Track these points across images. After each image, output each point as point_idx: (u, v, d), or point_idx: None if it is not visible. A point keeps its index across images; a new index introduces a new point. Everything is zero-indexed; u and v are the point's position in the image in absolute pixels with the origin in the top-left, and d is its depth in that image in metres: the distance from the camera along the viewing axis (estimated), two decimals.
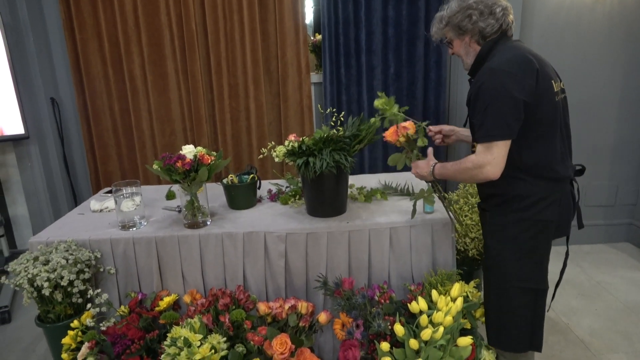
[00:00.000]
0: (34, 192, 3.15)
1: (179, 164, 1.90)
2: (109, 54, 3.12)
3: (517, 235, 1.58)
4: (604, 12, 2.94)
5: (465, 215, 2.03)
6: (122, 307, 1.90)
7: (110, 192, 2.56)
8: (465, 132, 1.93)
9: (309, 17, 3.41)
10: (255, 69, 3.14)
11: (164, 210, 2.27)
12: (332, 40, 3.06)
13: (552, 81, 1.53)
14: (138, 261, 2.01)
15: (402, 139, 1.81)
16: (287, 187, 2.44)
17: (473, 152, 1.66)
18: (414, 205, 1.93)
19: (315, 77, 3.30)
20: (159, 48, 3.11)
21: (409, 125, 1.80)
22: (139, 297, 1.98)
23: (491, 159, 1.46)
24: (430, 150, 1.84)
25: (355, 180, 2.54)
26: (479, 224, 1.99)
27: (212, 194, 2.38)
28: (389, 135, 1.83)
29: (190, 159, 1.94)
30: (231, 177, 2.22)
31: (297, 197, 2.26)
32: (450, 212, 1.90)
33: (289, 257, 1.99)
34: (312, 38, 3.43)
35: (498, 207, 1.62)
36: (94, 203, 2.35)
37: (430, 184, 1.86)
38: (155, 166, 1.95)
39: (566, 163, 1.61)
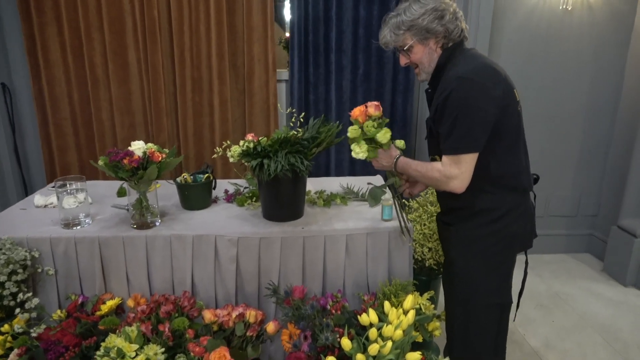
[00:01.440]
0: None
1: (125, 161, 1.80)
2: (68, 39, 2.97)
3: (484, 249, 1.54)
4: (572, 24, 2.94)
5: (424, 225, 1.99)
6: (59, 312, 1.78)
7: (63, 184, 2.43)
8: None
9: (286, 13, 3.32)
10: (220, 63, 3.04)
11: (113, 208, 2.15)
12: (302, 38, 2.98)
13: (515, 90, 1.50)
14: (80, 262, 1.89)
15: (369, 128, 1.66)
16: (245, 187, 2.35)
17: (433, 159, 1.62)
18: (376, 194, 1.86)
19: (285, 74, 3.21)
20: (121, 36, 2.97)
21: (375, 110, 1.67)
22: (80, 300, 1.87)
23: (458, 172, 1.42)
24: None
25: (317, 183, 2.48)
26: (437, 233, 1.94)
27: (166, 192, 2.28)
28: (358, 113, 1.68)
29: (138, 156, 1.83)
30: (185, 175, 2.12)
31: (255, 199, 2.18)
32: (401, 216, 1.85)
33: (241, 262, 1.91)
34: (287, 34, 3.34)
35: (464, 220, 1.57)
36: (38, 198, 2.22)
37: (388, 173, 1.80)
38: (100, 162, 1.84)
39: (529, 173, 1.59)
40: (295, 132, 1.94)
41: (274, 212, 1.97)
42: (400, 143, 1.73)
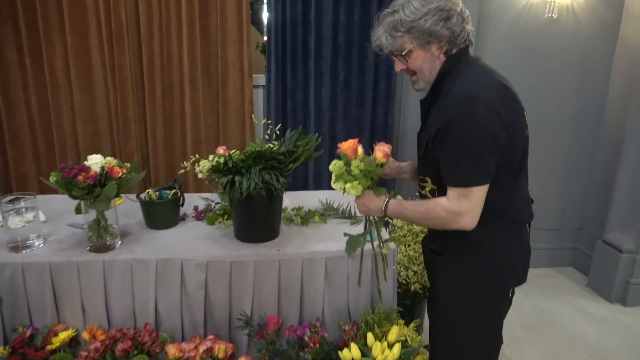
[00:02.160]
0: None
1: (80, 178, 1.61)
2: (26, 40, 2.74)
3: (475, 283, 1.38)
4: (557, 32, 2.87)
5: (409, 246, 1.86)
6: (1, 348, 1.58)
7: (12, 200, 2.21)
8: (409, 168, 1.65)
9: (265, 16, 3.16)
10: (192, 68, 2.86)
11: (69, 227, 1.95)
12: (279, 42, 2.83)
13: (525, 112, 1.34)
14: (28, 290, 1.69)
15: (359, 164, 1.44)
16: (217, 203, 2.18)
17: (422, 186, 1.45)
18: (352, 244, 1.64)
19: (263, 79, 3.05)
20: (84, 37, 2.76)
21: (388, 150, 1.49)
22: (28, 332, 1.67)
23: (470, 207, 1.24)
24: None
25: (294, 198, 2.32)
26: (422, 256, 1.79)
27: (130, 208, 2.09)
28: (347, 148, 1.47)
29: (95, 172, 1.65)
30: (149, 191, 1.94)
31: (226, 217, 2.01)
32: (379, 271, 1.68)
33: (210, 288, 1.74)
34: (265, 39, 3.18)
35: (455, 250, 1.40)
36: None
37: (369, 219, 1.57)
38: (52, 179, 1.64)
39: (530, 204, 1.44)
40: (271, 145, 1.79)
41: (247, 233, 1.81)
42: (382, 190, 1.50)
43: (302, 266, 1.76)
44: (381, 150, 1.48)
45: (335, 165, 1.47)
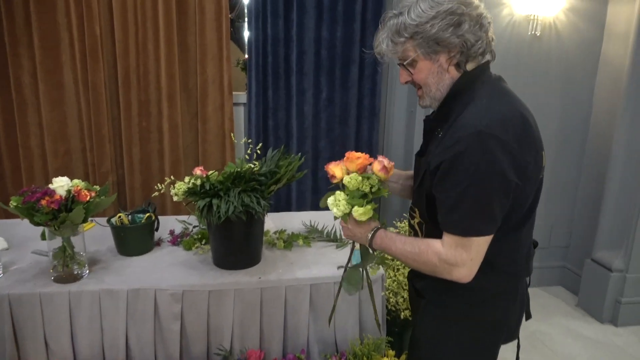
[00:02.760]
0: None
1: (44, 202, 1.49)
2: None
3: (460, 336, 1.21)
4: (541, 50, 2.86)
5: (397, 270, 1.76)
6: None
7: None
8: (396, 179, 1.43)
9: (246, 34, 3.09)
10: (170, 85, 2.76)
11: (33, 255, 1.81)
12: (259, 59, 2.75)
13: (543, 152, 1.15)
14: None
15: (362, 184, 1.20)
16: (195, 226, 2.06)
17: (411, 215, 1.29)
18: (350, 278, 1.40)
19: (244, 97, 2.96)
20: (55, 53, 2.64)
21: (388, 164, 1.24)
22: None
23: (467, 259, 1.06)
24: None
25: (277, 220, 2.21)
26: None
27: (100, 233, 1.95)
28: (362, 164, 1.23)
29: (60, 196, 1.52)
30: (120, 216, 1.81)
31: (204, 241, 1.89)
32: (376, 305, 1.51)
33: (186, 320, 1.61)
34: (246, 56, 3.10)
35: (440, 294, 1.21)
36: None
37: (356, 245, 1.37)
38: (13, 203, 1.51)
39: (530, 258, 1.24)
40: (252, 166, 1.69)
41: (226, 259, 1.70)
42: (375, 215, 1.25)
43: (286, 294, 1.65)
44: (380, 163, 1.22)
45: (353, 179, 1.19)
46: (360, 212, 1.17)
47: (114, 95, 2.77)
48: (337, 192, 1.23)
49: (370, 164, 1.24)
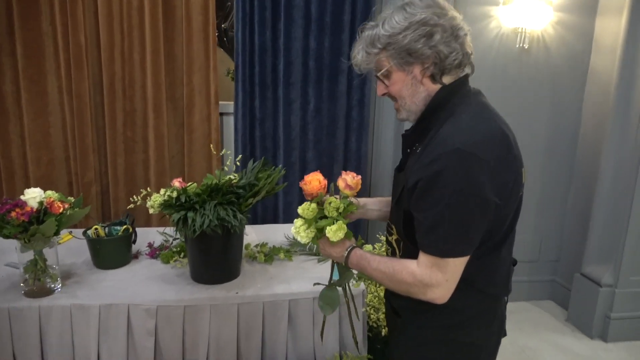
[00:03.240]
0: None
1: (14, 214, 1.44)
2: None
3: (436, 358, 1.18)
4: (529, 63, 2.85)
5: (379, 285, 1.73)
6: None
7: None
8: (375, 206, 1.39)
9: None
10: (156, 94, 2.72)
11: (6, 267, 1.76)
12: (247, 69, 2.73)
13: (523, 170, 1.12)
14: None
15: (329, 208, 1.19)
16: (176, 239, 2.02)
17: (389, 232, 1.24)
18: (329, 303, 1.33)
19: (231, 107, 2.93)
20: (38, 61, 2.61)
21: (352, 181, 1.21)
22: None
23: (442, 280, 1.02)
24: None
25: (260, 232, 2.18)
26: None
27: (77, 246, 1.90)
28: (316, 188, 1.22)
29: (31, 207, 1.48)
30: (96, 228, 1.77)
31: (183, 254, 1.85)
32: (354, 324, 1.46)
33: (160, 337, 1.57)
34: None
35: (417, 316, 1.17)
36: None
37: (334, 263, 1.35)
38: None
39: (509, 277, 1.21)
40: (232, 178, 1.66)
41: (203, 274, 1.66)
42: (348, 234, 1.21)
43: (264, 310, 1.61)
44: (344, 180, 1.20)
45: (307, 209, 1.19)
46: (334, 230, 1.15)
47: (99, 105, 2.73)
48: (295, 220, 1.22)
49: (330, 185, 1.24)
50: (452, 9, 1.08)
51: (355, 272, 1.41)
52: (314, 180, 1.22)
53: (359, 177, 1.23)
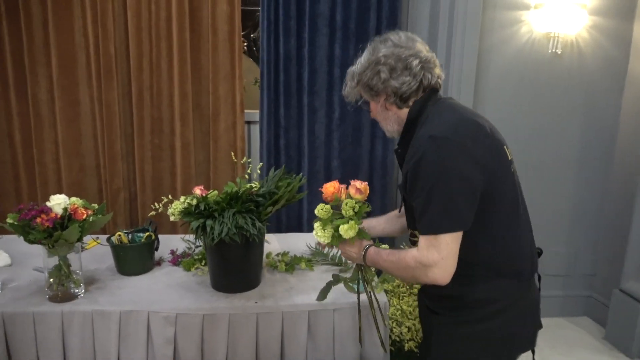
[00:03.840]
0: None
1: (39, 220, 1.47)
2: (11, 73, 2.67)
3: (475, 352, 1.23)
4: (562, 68, 2.75)
5: (402, 298, 1.67)
6: None
7: None
8: (383, 225, 1.57)
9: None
10: (183, 103, 2.76)
11: (34, 271, 1.80)
12: (271, 77, 2.73)
13: (505, 147, 1.23)
14: None
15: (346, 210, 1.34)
16: (198, 246, 2.02)
17: (413, 241, 1.31)
18: (326, 287, 1.57)
19: (257, 115, 2.94)
20: (72, 71, 2.69)
21: (363, 189, 1.37)
22: None
23: (438, 258, 1.11)
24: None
25: (282, 241, 2.16)
26: (417, 309, 1.61)
27: (103, 252, 1.93)
28: (332, 193, 1.38)
29: (56, 214, 1.51)
30: (120, 234, 1.79)
31: (204, 262, 1.84)
32: (376, 312, 1.52)
33: (179, 345, 1.56)
34: None
35: (452, 312, 1.24)
36: None
37: (357, 266, 1.48)
38: (9, 220, 1.51)
39: (533, 254, 1.28)
40: (252, 186, 1.65)
41: (223, 282, 1.65)
42: (365, 235, 1.37)
43: (283, 320, 1.59)
44: (353, 187, 1.35)
45: (322, 209, 1.36)
46: (345, 229, 1.29)
47: (128, 113, 2.79)
48: (315, 222, 1.38)
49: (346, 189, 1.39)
50: (416, 43, 1.23)
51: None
52: (330, 186, 1.38)
53: (366, 183, 1.38)
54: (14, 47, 2.64)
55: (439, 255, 1.10)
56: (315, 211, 1.36)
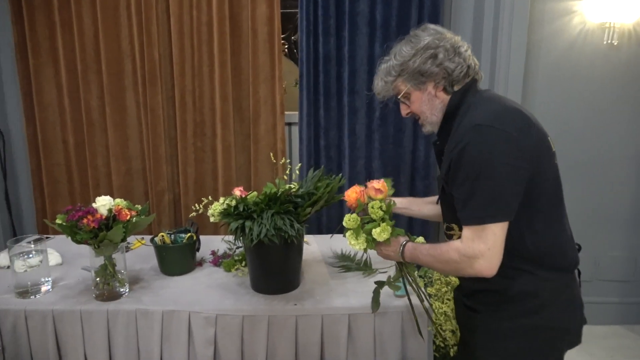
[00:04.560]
0: None
1: (85, 221, 1.52)
2: (65, 81, 2.80)
3: (522, 349, 1.20)
4: (620, 58, 2.58)
5: (446, 301, 1.61)
6: None
7: (38, 240, 2.16)
8: (424, 207, 1.62)
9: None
10: (224, 106, 2.79)
11: (83, 271, 1.86)
12: (311, 78, 2.72)
13: (549, 139, 1.21)
14: (31, 339, 1.59)
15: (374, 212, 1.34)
16: (239, 247, 2.03)
17: (449, 235, 1.29)
18: (376, 295, 1.51)
19: (295, 117, 2.94)
20: (119, 78, 2.78)
21: (381, 187, 1.36)
22: None
23: (484, 249, 1.09)
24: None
25: (322, 242, 2.14)
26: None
27: (148, 252, 1.98)
28: (349, 198, 1.42)
29: (101, 215, 1.55)
30: (162, 235, 1.82)
31: (244, 263, 1.85)
32: (426, 304, 1.48)
33: (220, 345, 1.57)
34: None
35: (494, 308, 1.23)
36: (3, 257, 1.95)
37: (397, 265, 1.44)
38: (58, 221, 1.56)
39: (574, 250, 1.27)
40: (291, 187, 1.63)
41: (262, 283, 1.64)
42: (399, 231, 1.36)
43: (322, 323, 1.56)
44: (372, 189, 1.36)
45: (349, 220, 1.35)
46: (378, 232, 1.29)
47: (171, 117, 2.85)
48: (346, 233, 1.37)
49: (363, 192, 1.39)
50: (450, 32, 1.27)
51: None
52: (352, 193, 1.38)
53: (382, 180, 1.37)
54: (68, 57, 2.76)
55: (485, 246, 1.08)
56: (344, 223, 1.36)
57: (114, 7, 2.69)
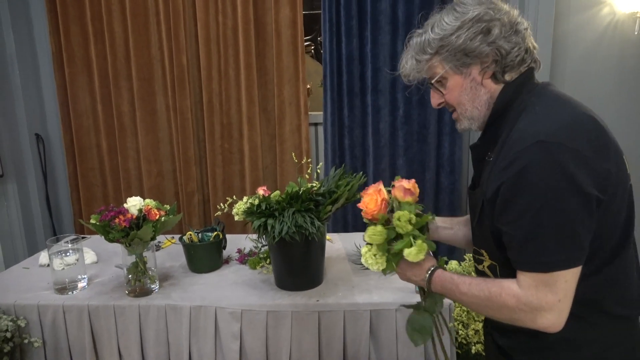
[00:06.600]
0: (8, 234, 2.92)
1: (117, 221, 1.59)
2: (98, 88, 2.93)
3: None
4: None
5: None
6: None
7: (74, 240, 2.28)
8: (447, 224, 1.26)
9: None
10: (250, 108, 2.86)
11: (116, 268, 1.95)
12: (334, 78, 2.75)
13: (625, 157, 0.95)
14: (69, 333, 1.68)
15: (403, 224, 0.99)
16: (264, 245, 2.08)
17: (479, 260, 1.06)
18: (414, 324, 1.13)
19: (321, 117, 2.97)
20: (149, 83, 2.89)
21: (412, 188, 1.04)
22: None
23: (554, 300, 0.85)
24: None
25: (346, 240, 2.16)
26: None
27: (177, 250, 2.05)
28: (367, 208, 1.05)
29: (132, 214, 1.63)
30: (190, 234, 1.88)
31: (269, 261, 1.89)
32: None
33: (245, 339, 1.62)
34: None
35: (532, 354, 0.99)
36: (43, 256, 2.06)
37: (420, 291, 1.14)
38: (92, 221, 1.65)
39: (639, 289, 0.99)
40: (313, 185, 1.67)
41: (286, 280, 1.68)
42: (431, 246, 1.02)
43: (345, 319, 1.58)
44: (400, 188, 1.03)
45: (374, 234, 1.01)
46: (414, 253, 0.97)
47: (199, 120, 2.94)
48: (362, 249, 1.05)
49: (388, 194, 1.06)
50: (506, 4, 0.97)
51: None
52: (369, 199, 1.04)
53: (413, 180, 1.07)
54: (100, 65, 2.89)
55: (554, 297, 0.85)
56: (366, 237, 1.02)
57: (144, 15, 2.79)
